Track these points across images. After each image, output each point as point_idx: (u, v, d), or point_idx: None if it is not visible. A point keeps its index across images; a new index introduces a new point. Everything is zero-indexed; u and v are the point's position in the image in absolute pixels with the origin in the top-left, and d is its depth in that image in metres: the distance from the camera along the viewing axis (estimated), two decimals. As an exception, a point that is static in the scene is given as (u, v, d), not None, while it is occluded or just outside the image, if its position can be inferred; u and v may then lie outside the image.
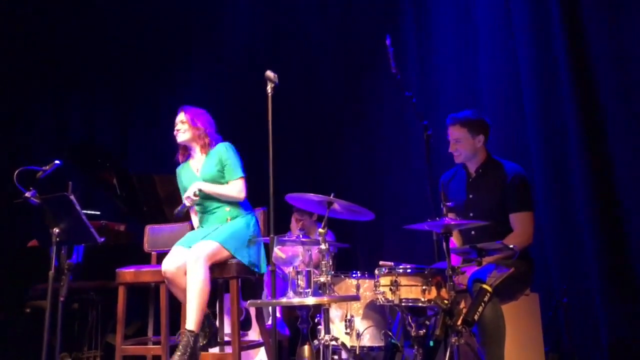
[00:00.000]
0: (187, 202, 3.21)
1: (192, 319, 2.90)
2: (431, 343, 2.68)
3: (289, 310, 3.87)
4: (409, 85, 3.63)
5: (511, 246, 2.49)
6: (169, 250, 3.17)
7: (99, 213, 4.51)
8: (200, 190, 3.19)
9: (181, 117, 3.37)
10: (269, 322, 3.75)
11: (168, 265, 3.07)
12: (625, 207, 3.23)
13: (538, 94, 3.64)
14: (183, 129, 3.34)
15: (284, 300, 2.16)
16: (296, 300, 2.12)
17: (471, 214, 2.97)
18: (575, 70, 3.38)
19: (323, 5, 5.06)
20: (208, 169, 3.29)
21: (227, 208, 3.24)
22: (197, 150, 3.38)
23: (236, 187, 3.22)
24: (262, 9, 5.34)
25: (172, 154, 5.46)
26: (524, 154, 3.68)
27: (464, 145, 3.01)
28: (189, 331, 2.88)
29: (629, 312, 3.14)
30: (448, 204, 2.54)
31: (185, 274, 3.01)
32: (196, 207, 3.33)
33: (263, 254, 3.21)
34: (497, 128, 3.59)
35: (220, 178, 3.25)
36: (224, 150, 3.28)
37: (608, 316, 3.21)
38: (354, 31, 4.83)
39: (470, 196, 3.02)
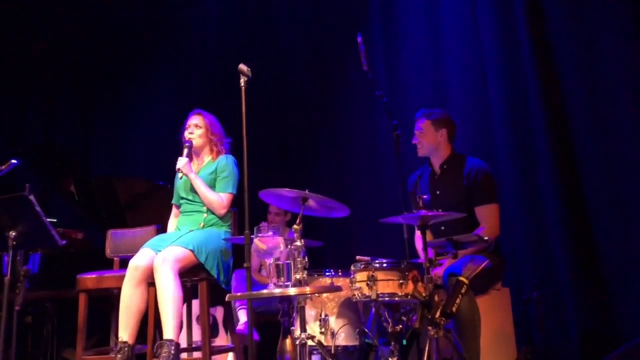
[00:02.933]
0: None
1: (169, 327, 2.76)
2: (404, 342, 2.66)
3: (257, 315, 3.78)
4: (379, 85, 3.66)
5: (486, 238, 2.54)
6: (133, 255, 3.04)
7: (55, 220, 4.30)
8: (180, 171, 3.09)
9: (197, 120, 3.27)
10: (239, 327, 3.66)
11: (136, 262, 2.95)
12: (591, 201, 3.32)
13: (505, 93, 3.71)
14: (198, 134, 3.25)
15: (264, 292, 2.09)
16: (278, 291, 2.06)
17: (439, 210, 3.00)
18: (541, 67, 3.48)
19: (292, 7, 5.05)
20: (203, 173, 3.20)
21: (205, 215, 3.15)
22: (202, 155, 3.30)
23: (221, 199, 3.12)
24: (232, 7, 5.29)
25: (135, 155, 5.32)
26: (492, 152, 3.74)
27: (426, 137, 3.12)
28: (168, 340, 2.73)
29: (596, 303, 3.22)
30: (424, 197, 2.55)
31: (146, 280, 2.90)
32: (181, 203, 3.24)
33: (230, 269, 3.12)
34: (465, 128, 3.65)
35: (210, 186, 3.16)
36: (225, 163, 3.20)
37: (577, 309, 3.28)
38: (322, 31, 4.84)
39: (437, 192, 3.09)
